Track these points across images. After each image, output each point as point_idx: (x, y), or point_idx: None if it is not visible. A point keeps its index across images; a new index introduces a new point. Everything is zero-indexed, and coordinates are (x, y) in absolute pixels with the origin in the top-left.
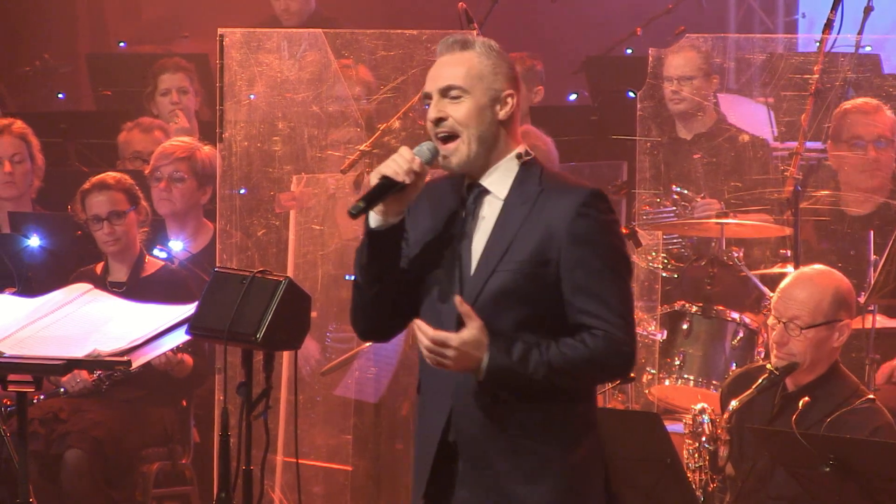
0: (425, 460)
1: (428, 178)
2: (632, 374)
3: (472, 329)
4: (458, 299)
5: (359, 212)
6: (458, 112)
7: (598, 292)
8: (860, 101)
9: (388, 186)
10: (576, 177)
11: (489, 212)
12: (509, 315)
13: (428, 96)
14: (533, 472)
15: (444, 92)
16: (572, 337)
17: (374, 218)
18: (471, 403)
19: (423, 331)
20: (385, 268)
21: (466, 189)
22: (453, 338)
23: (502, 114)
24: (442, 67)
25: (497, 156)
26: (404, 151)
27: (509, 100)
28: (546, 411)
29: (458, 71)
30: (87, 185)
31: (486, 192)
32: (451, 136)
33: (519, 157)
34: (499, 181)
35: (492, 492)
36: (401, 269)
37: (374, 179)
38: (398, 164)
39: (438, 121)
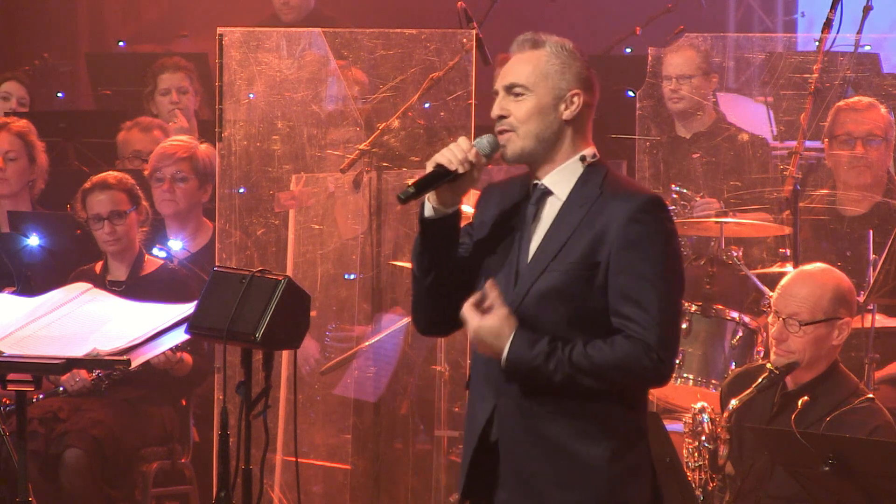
0: (466, 458)
1: (503, 177)
2: None
3: (495, 317)
4: (489, 283)
5: (408, 197)
6: (518, 110)
7: (641, 299)
8: (854, 98)
9: (440, 175)
10: (636, 181)
11: (549, 211)
12: (555, 314)
13: (496, 92)
14: (571, 479)
15: (509, 89)
16: (604, 339)
17: (428, 206)
18: (514, 403)
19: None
20: (438, 257)
21: (532, 188)
22: (474, 320)
23: (567, 113)
24: (511, 65)
25: (562, 156)
26: (462, 141)
27: (575, 99)
28: (591, 416)
29: (525, 69)
30: (88, 185)
31: (549, 191)
32: (507, 130)
33: (583, 158)
34: (561, 181)
35: (529, 495)
36: (460, 261)
37: (429, 167)
38: (453, 153)
39: (500, 118)
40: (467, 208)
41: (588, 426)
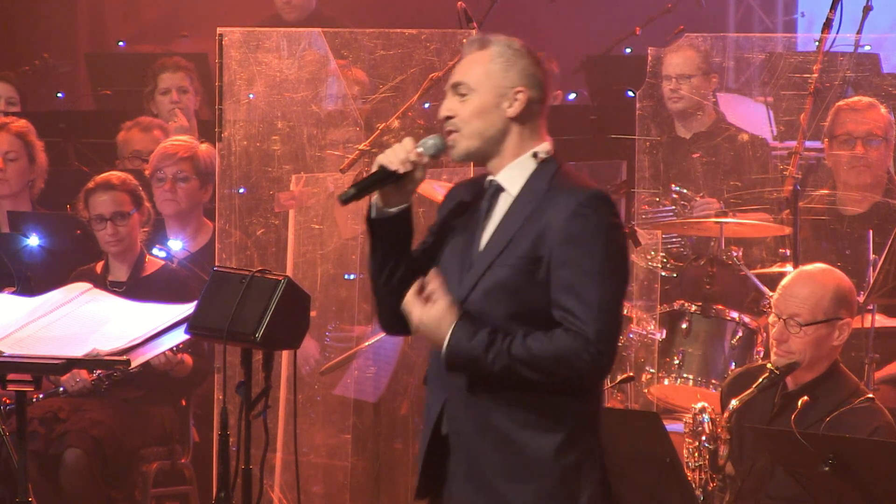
0: (421, 454)
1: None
2: (631, 374)
3: (436, 307)
4: (431, 273)
5: (348, 198)
6: (463, 110)
7: (581, 292)
8: (853, 98)
9: (383, 175)
10: (586, 177)
11: (501, 207)
12: (500, 309)
13: (445, 93)
14: (519, 470)
15: (454, 88)
16: (544, 332)
17: (375, 207)
18: (462, 396)
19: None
20: (390, 257)
21: (487, 185)
22: (415, 310)
23: (511, 111)
24: (458, 66)
25: (511, 152)
26: (406, 141)
27: (519, 96)
28: (539, 407)
29: (469, 69)
30: (91, 185)
31: (501, 188)
32: (453, 131)
33: (536, 154)
34: (513, 178)
35: (480, 487)
36: (419, 259)
37: (374, 168)
38: (395, 154)
39: (446, 118)
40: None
41: (535, 417)
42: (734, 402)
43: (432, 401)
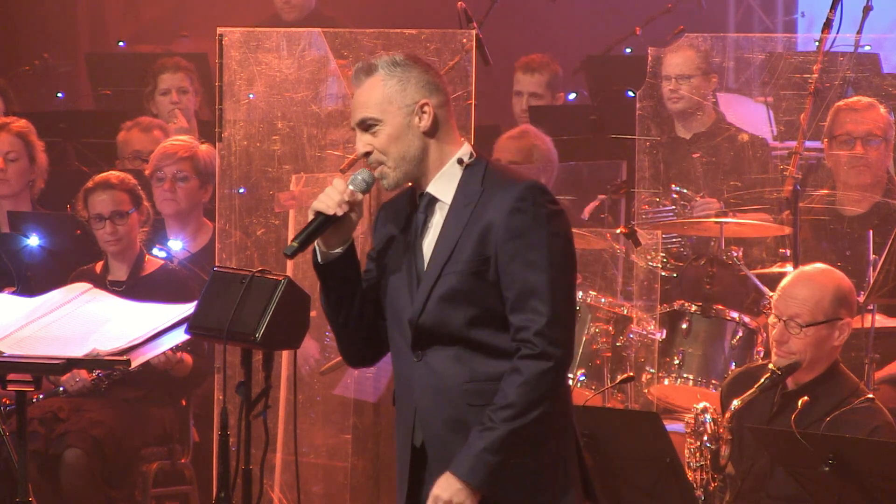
0: (403, 466)
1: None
2: (631, 374)
3: (437, 487)
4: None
5: (293, 252)
6: (378, 141)
7: (532, 286)
8: (853, 98)
9: (322, 222)
10: (517, 170)
11: (438, 217)
12: (458, 315)
13: (353, 129)
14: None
15: (362, 125)
16: (501, 383)
17: (320, 252)
18: (431, 405)
19: None
20: (344, 295)
21: (418, 198)
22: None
23: (423, 125)
24: (356, 100)
25: (435, 163)
26: (337, 183)
27: (426, 108)
28: None
29: (368, 101)
30: (90, 184)
31: (434, 198)
32: (378, 164)
33: (460, 161)
34: (443, 187)
35: None
36: (366, 291)
37: (309, 215)
38: (329, 198)
39: (367, 154)
40: None
41: None
42: (736, 403)
43: (404, 414)
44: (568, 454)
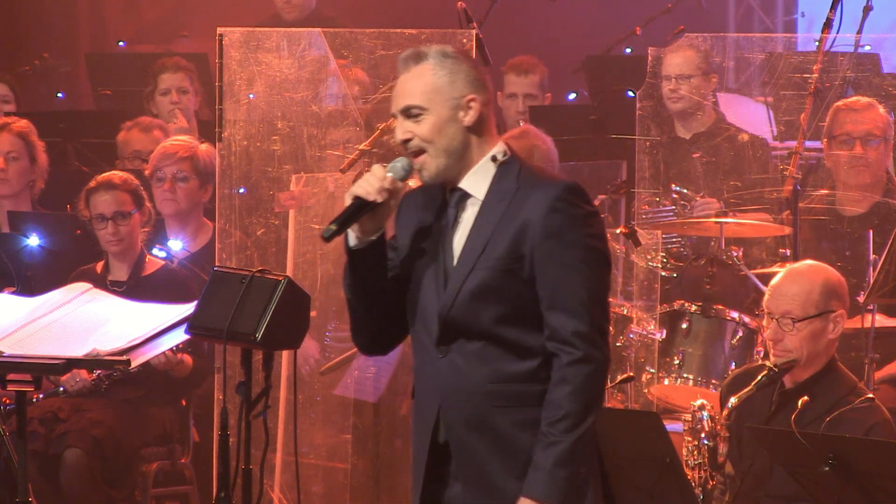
0: (420, 462)
1: (412, 186)
2: (631, 374)
3: None
4: None
5: (331, 235)
6: (421, 130)
7: (569, 288)
8: (852, 98)
9: (360, 207)
10: (555, 171)
11: (469, 213)
12: (488, 311)
13: (394, 116)
14: (523, 470)
15: (406, 112)
16: (549, 395)
17: (353, 237)
18: (457, 403)
19: None
20: (371, 283)
21: (448, 193)
22: None
23: (467, 120)
24: (401, 86)
25: (471, 160)
26: (376, 170)
27: (472, 104)
28: (535, 406)
29: (415, 88)
30: (92, 184)
31: (466, 194)
32: (419, 152)
33: (494, 159)
34: (477, 183)
35: (481, 487)
36: (389, 279)
37: (347, 200)
38: (369, 184)
39: (405, 141)
40: None
41: (532, 416)
42: (733, 400)
43: (424, 410)
44: (592, 453)
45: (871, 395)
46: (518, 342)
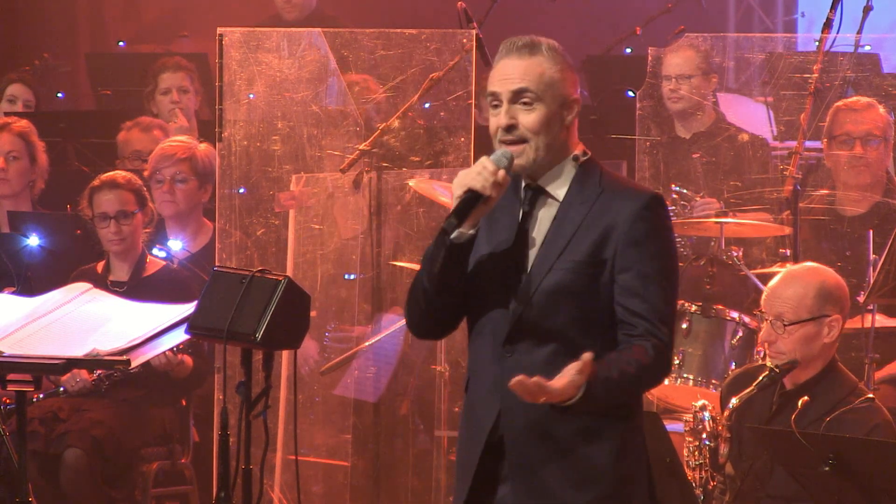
0: (471, 459)
1: None
2: None
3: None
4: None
5: (454, 228)
6: (528, 119)
7: (648, 296)
8: (852, 98)
9: (475, 199)
10: (629, 178)
11: (547, 212)
12: (563, 312)
13: (495, 97)
14: (580, 479)
15: (516, 96)
16: (626, 352)
17: (455, 230)
18: (520, 405)
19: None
20: (454, 276)
21: (524, 189)
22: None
23: (568, 120)
24: (513, 69)
25: (557, 160)
26: (487, 164)
27: (575, 105)
28: (596, 418)
29: (531, 75)
30: (96, 182)
31: (543, 192)
32: (520, 141)
33: (576, 158)
34: (557, 182)
35: (534, 492)
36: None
37: (457, 191)
38: (485, 178)
39: (510, 128)
40: None
41: (593, 425)
42: (734, 401)
43: (480, 409)
44: (644, 459)
45: (871, 396)
46: (586, 346)
